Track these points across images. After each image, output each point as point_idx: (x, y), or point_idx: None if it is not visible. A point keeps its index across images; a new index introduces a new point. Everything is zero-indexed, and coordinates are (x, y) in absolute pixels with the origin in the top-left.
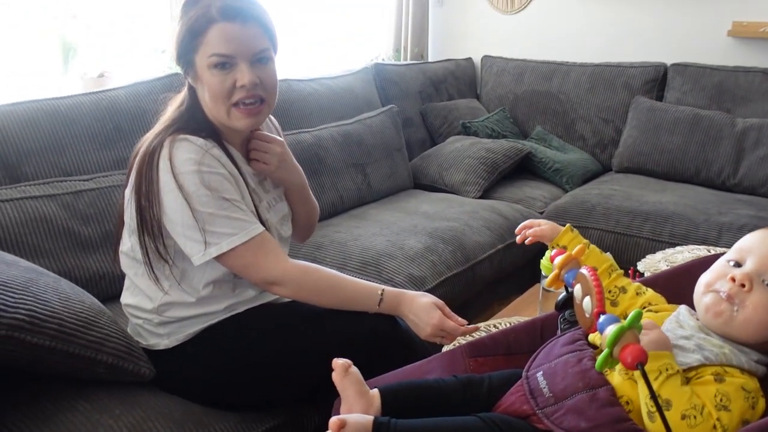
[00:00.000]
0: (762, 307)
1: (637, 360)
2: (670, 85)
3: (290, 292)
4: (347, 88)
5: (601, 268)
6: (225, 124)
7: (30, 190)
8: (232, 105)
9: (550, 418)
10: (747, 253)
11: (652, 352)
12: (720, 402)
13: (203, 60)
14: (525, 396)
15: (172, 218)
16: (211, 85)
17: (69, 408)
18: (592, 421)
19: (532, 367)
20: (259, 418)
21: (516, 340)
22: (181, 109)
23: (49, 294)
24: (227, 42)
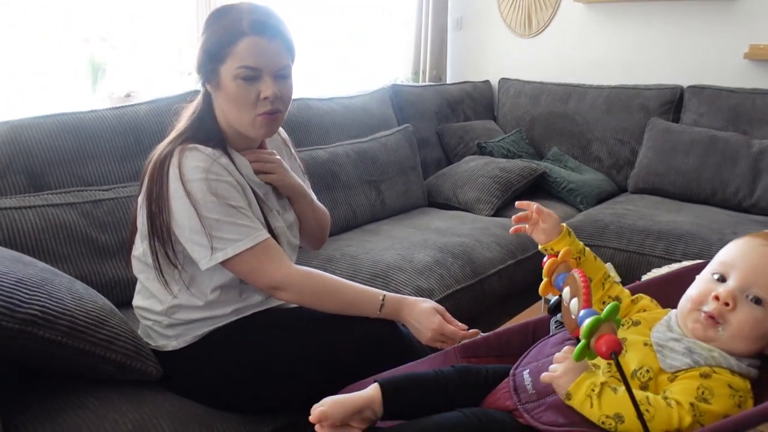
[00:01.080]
0: (746, 324)
1: (611, 349)
2: (687, 107)
3: (293, 297)
4: (363, 107)
5: (595, 279)
6: (242, 132)
7: (52, 198)
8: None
9: (531, 413)
10: (730, 267)
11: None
12: (701, 395)
13: (230, 70)
14: (509, 392)
15: (180, 224)
16: (236, 95)
17: (78, 404)
18: (570, 417)
19: (520, 366)
20: (261, 421)
21: (508, 342)
22: (192, 117)
23: (62, 293)
24: (256, 56)
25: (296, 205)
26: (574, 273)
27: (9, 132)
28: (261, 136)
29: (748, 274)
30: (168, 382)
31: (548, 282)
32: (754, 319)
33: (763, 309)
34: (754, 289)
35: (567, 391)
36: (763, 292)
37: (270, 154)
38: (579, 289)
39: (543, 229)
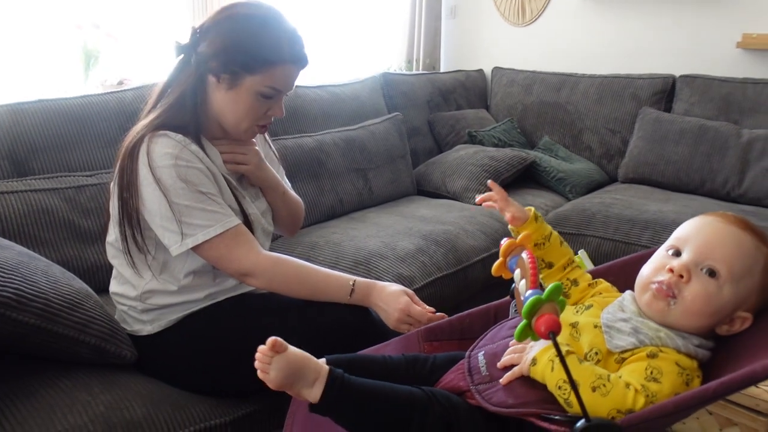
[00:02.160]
0: (699, 298)
1: (550, 329)
2: (678, 96)
3: (262, 284)
4: (353, 95)
5: (558, 264)
6: (230, 132)
7: (34, 184)
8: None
9: (482, 394)
10: (684, 242)
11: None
12: (650, 374)
13: (256, 84)
14: (463, 373)
15: (150, 210)
16: (248, 107)
17: (51, 385)
18: (520, 398)
19: (477, 348)
20: (235, 404)
21: (470, 325)
22: (173, 101)
23: (38, 276)
24: (286, 82)
25: (267, 195)
26: (523, 254)
27: None
28: (246, 140)
29: (702, 247)
30: (144, 366)
31: (502, 262)
32: (707, 293)
33: (716, 282)
34: (708, 261)
35: (533, 358)
36: (717, 264)
37: (246, 144)
38: (527, 270)
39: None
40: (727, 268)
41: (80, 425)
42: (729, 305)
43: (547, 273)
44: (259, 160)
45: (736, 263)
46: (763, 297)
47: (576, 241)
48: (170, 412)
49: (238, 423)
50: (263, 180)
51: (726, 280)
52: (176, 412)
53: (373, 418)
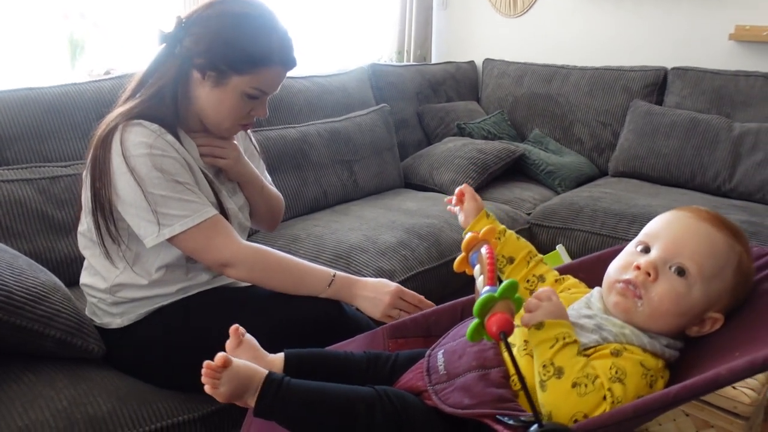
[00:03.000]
0: (667, 298)
1: (501, 329)
2: (670, 89)
3: (242, 274)
4: (340, 87)
5: (518, 257)
6: (211, 128)
7: (7, 174)
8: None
9: (439, 395)
10: (654, 238)
11: (549, 321)
12: (615, 374)
13: (243, 85)
14: (422, 373)
15: (125, 200)
16: (232, 106)
17: (14, 379)
18: (477, 398)
19: (437, 347)
20: (205, 400)
21: (436, 322)
22: (152, 92)
23: (2, 268)
24: (272, 84)
25: (245, 191)
26: (482, 249)
27: None
28: (227, 137)
29: (671, 244)
30: (113, 360)
31: (464, 258)
32: (675, 292)
33: (685, 281)
34: (677, 259)
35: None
36: (687, 261)
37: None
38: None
39: (465, 209)
40: (697, 267)
41: (41, 421)
42: (699, 306)
43: (511, 268)
44: (237, 155)
45: (706, 262)
46: (735, 297)
47: (563, 236)
48: (136, 408)
49: (207, 419)
50: (241, 175)
51: (696, 279)
52: (143, 407)
53: (315, 419)
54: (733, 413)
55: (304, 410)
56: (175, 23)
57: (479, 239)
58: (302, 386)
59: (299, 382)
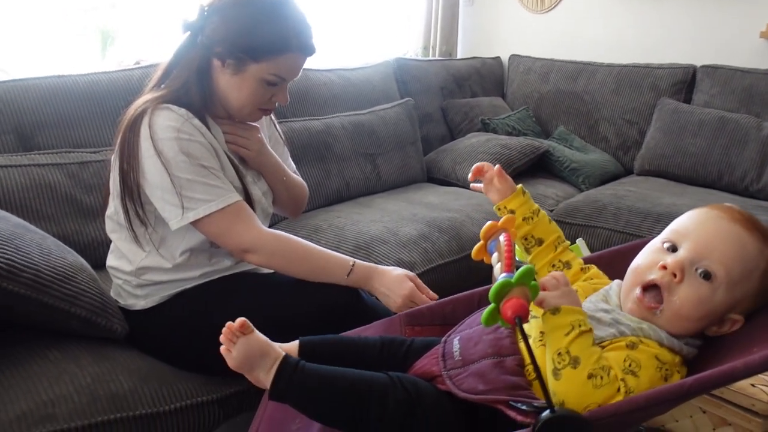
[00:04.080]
0: (689, 302)
1: (516, 314)
2: (699, 87)
3: (263, 260)
4: (365, 80)
5: (547, 241)
6: (233, 114)
7: (38, 158)
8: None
9: (453, 380)
10: (682, 237)
11: (566, 306)
12: (628, 367)
13: (261, 72)
14: (437, 358)
15: (151, 183)
16: (252, 93)
17: (40, 355)
18: (490, 384)
19: (453, 333)
20: (224, 383)
21: (452, 311)
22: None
23: (31, 248)
24: (291, 71)
25: (267, 179)
26: (501, 237)
27: (1, 92)
28: (250, 122)
29: (701, 246)
30: (135, 340)
31: (482, 245)
32: (698, 297)
33: (710, 285)
34: (705, 262)
35: (557, 305)
36: (715, 265)
37: (250, 128)
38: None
39: (497, 189)
40: (725, 271)
41: (65, 396)
42: (720, 309)
43: (538, 251)
44: (260, 147)
45: (735, 266)
46: (758, 301)
47: (585, 233)
48: (157, 387)
49: (224, 401)
50: (263, 165)
51: (721, 283)
52: (163, 387)
53: (328, 403)
54: (751, 411)
55: (318, 394)
56: (198, 12)
57: (498, 227)
58: (316, 370)
59: (314, 367)
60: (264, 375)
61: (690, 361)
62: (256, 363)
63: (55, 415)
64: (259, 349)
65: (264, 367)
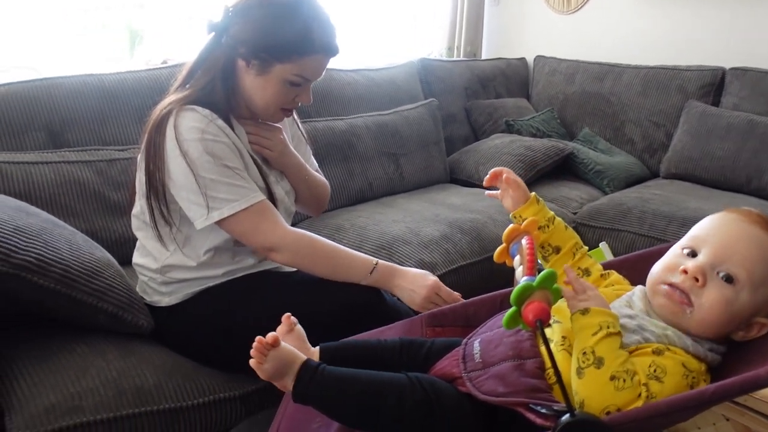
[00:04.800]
0: (717, 305)
1: (537, 317)
2: (727, 90)
3: (287, 258)
4: (389, 80)
5: (564, 248)
6: (257, 114)
7: (68, 156)
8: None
9: (473, 382)
10: (701, 242)
11: (595, 308)
12: (653, 372)
13: (285, 72)
14: (457, 360)
15: (177, 183)
16: (276, 93)
17: (68, 349)
18: (511, 387)
19: (474, 336)
20: (246, 380)
21: (474, 312)
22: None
23: (60, 243)
24: (315, 72)
25: (289, 178)
26: (522, 240)
27: (32, 90)
28: (273, 122)
29: (720, 250)
30: (160, 336)
31: (505, 248)
32: (725, 300)
33: (733, 288)
34: (725, 266)
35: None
36: (735, 268)
37: (273, 129)
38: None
39: (511, 196)
40: (746, 273)
41: (92, 389)
42: (746, 312)
43: (556, 258)
44: (282, 148)
45: (756, 268)
46: None
47: (609, 236)
48: (181, 383)
49: (246, 398)
50: (285, 166)
51: (744, 286)
52: (187, 382)
53: (347, 405)
54: None
55: (337, 396)
56: (223, 13)
57: (520, 230)
58: (336, 372)
59: (334, 369)
60: (290, 381)
61: (714, 369)
62: (284, 372)
63: (82, 407)
64: (287, 360)
65: (291, 374)
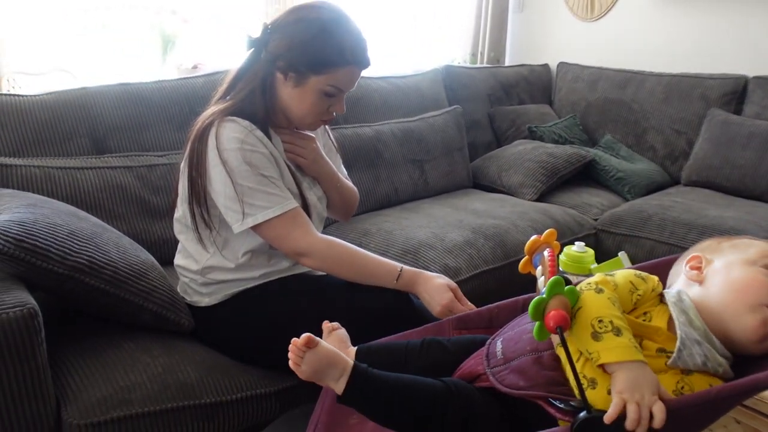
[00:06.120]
0: None
1: (557, 324)
2: (750, 98)
3: (316, 264)
4: (415, 87)
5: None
6: (295, 124)
7: (111, 161)
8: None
9: (496, 376)
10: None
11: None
12: (680, 389)
13: (320, 84)
14: (481, 358)
15: (216, 190)
16: (312, 104)
17: (116, 345)
18: (531, 380)
19: (497, 336)
20: (281, 377)
21: (498, 315)
22: (245, 93)
23: (109, 246)
24: (349, 83)
25: (321, 185)
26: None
27: (78, 98)
28: (310, 130)
29: None
30: (200, 334)
31: (528, 260)
32: None
33: None
34: None
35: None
36: None
37: (307, 138)
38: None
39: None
40: None
41: (139, 383)
42: None
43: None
44: (315, 156)
45: None
46: None
47: (629, 243)
48: (220, 379)
49: (282, 394)
50: (318, 173)
51: None
52: (226, 379)
53: (394, 411)
54: None
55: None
56: (261, 29)
57: (541, 242)
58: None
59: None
60: (334, 383)
61: None
62: (324, 373)
63: (131, 400)
64: (327, 360)
65: (333, 375)
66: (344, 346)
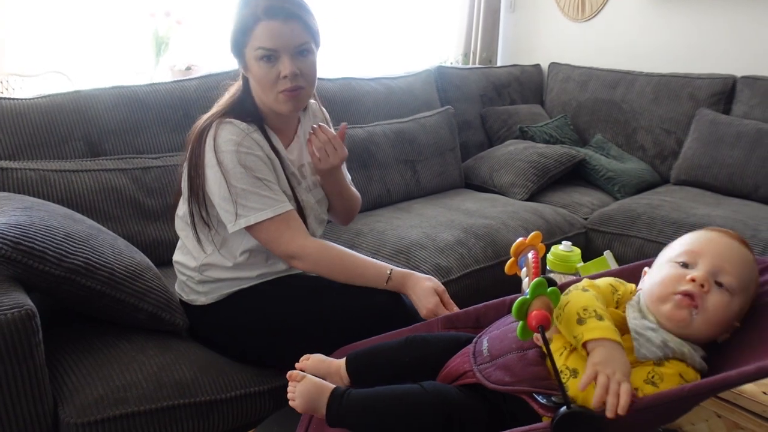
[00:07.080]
0: (719, 308)
1: (539, 323)
2: (738, 98)
3: (308, 267)
4: (407, 88)
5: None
6: (273, 109)
7: (106, 164)
8: (279, 92)
9: (482, 373)
10: (696, 255)
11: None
12: (650, 378)
13: (251, 53)
14: (468, 357)
15: (212, 190)
16: (258, 75)
17: (112, 345)
18: (517, 376)
19: (483, 335)
20: (274, 375)
21: (485, 315)
22: (234, 97)
23: (105, 248)
24: (270, 38)
25: (327, 189)
26: (529, 255)
27: (73, 101)
28: (288, 111)
29: (716, 260)
30: (195, 333)
31: (513, 261)
32: (725, 304)
33: (728, 293)
34: (721, 274)
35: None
36: (729, 277)
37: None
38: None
39: None
40: (737, 281)
41: (135, 382)
42: (735, 315)
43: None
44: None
45: (743, 277)
46: (747, 308)
47: (619, 241)
48: (215, 377)
49: (276, 392)
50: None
51: (735, 292)
52: (220, 377)
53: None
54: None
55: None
56: None
57: (526, 244)
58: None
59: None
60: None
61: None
62: (316, 402)
63: (127, 399)
64: (315, 390)
65: (322, 403)
66: (327, 364)
